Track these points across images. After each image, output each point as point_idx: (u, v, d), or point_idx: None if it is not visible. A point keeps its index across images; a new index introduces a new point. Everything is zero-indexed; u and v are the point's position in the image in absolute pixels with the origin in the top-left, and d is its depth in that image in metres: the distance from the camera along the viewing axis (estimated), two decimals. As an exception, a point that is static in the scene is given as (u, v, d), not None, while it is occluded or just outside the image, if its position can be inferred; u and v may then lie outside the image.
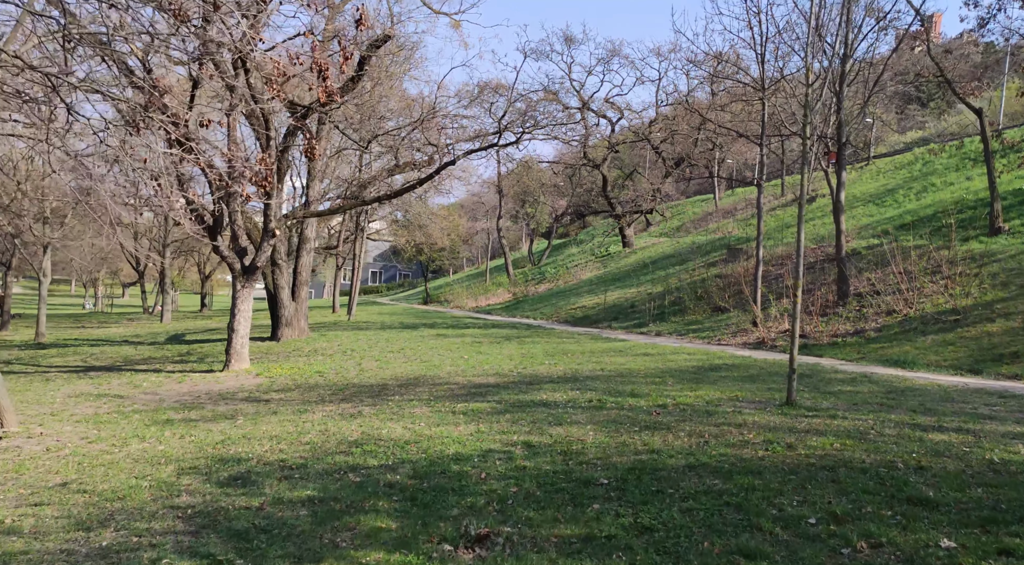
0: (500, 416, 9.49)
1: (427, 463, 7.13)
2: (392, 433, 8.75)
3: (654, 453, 7.05)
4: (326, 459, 7.56)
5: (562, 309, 34.07)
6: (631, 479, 6.21)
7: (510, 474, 6.59)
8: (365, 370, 16.00)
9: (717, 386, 11.68)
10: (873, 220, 29.68)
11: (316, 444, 8.35)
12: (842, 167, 20.72)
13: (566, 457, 7.11)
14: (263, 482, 6.73)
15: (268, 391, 13.81)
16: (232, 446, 8.54)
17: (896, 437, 7.44)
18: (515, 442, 7.85)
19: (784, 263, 26.12)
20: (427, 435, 8.50)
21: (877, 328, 18.15)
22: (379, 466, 7.15)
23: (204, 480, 6.92)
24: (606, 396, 10.82)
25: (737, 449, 7.11)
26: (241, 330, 17.22)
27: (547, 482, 6.29)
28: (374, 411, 10.56)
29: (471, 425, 8.98)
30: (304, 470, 7.15)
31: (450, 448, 7.73)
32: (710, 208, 53.36)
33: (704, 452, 7.01)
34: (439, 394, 12.01)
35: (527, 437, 8.07)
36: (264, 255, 17.17)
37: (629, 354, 16.87)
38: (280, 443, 8.53)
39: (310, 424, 9.70)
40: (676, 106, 46.40)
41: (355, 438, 8.58)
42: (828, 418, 8.51)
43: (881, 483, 5.85)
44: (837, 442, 7.20)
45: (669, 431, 8.05)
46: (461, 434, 8.45)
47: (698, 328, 23.06)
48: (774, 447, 7.08)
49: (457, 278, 74.36)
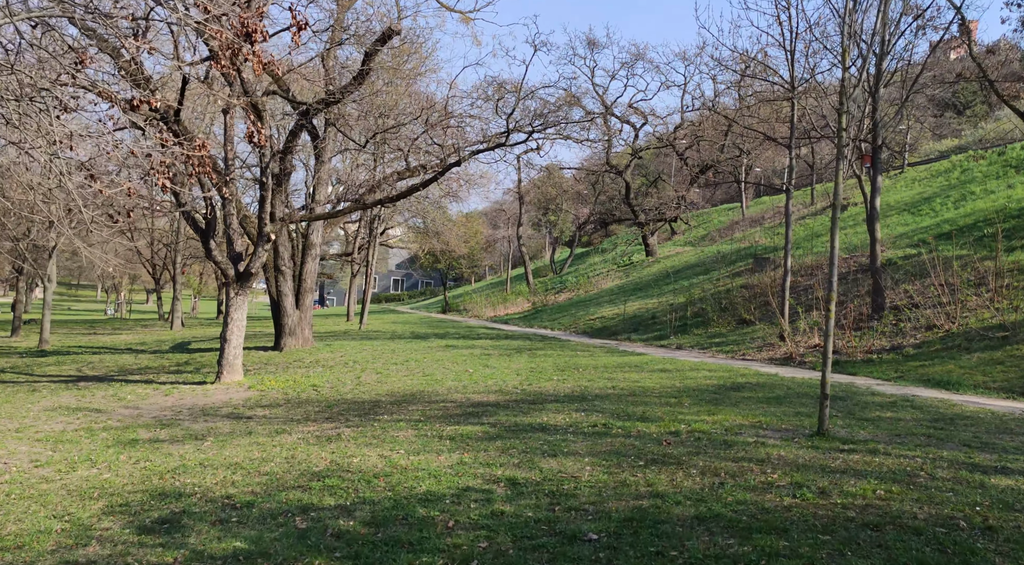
0: (490, 443, 8.38)
1: (390, 505, 6.04)
2: (364, 463, 7.68)
3: (658, 498, 5.89)
4: (279, 496, 6.51)
5: (581, 320, 32.89)
6: (627, 534, 5.07)
7: (483, 522, 5.48)
8: (362, 384, 14.98)
9: (739, 409, 10.48)
10: (908, 229, 28.22)
11: (275, 476, 7.30)
12: (877, 171, 19.40)
13: (554, 500, 5.99)
14: (192, 527, 5.67)
15: (254, 406, 12.82)
16: (182, 476, 7.51)
17: (952, 482, 6.23)
18: (499, 478, 6.74)
19: (814, 273, 24.76)
20: (402, 466, 7.42)
21: (916, 344, 16.80)
22: (335, 507, 6.08)
23: (127, 523, 5.88)
24: (613, 420, 9.67)
25: (758, 494, 5.94)
26: (234, 340, 16.27)
27: (525, 535, 5.17)
28: (355, 433, 9.51)
29: (455, 454, 7.89)
30: (247, 511, 6.09)
31: (422, 484, 6.64)
32: (737, 217, 51.91)
33: (718, 498, 5.85)
34: (432, 414, 10.93)
35: (514, 472, 6.95)
36: (259, 261, 16.23)
37: (645, 370, 15.68)
38: (236, 473, 7.49)
39: (279, 449, 8.66)
40: (702, 111, 45.13)
41: (321, 468, 7.52)
42: (867, 454, 7.29)
43: (941, 550, 4.66)
44: (881, 488, 6.00)
45: (679, 467, 6.90)
46: (440, 466, 7.35)
47: (721, 341, 21.79)
48: (803, 493, 5.90)
49: (479, 286, 73.41)
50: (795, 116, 20.26)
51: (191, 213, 15.97)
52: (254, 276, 16.41)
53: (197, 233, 16.19)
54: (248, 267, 16.25)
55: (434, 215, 42.43)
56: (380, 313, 55.76)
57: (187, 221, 16.17)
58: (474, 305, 50.77)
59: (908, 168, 42.82)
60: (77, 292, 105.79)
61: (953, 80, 23.56)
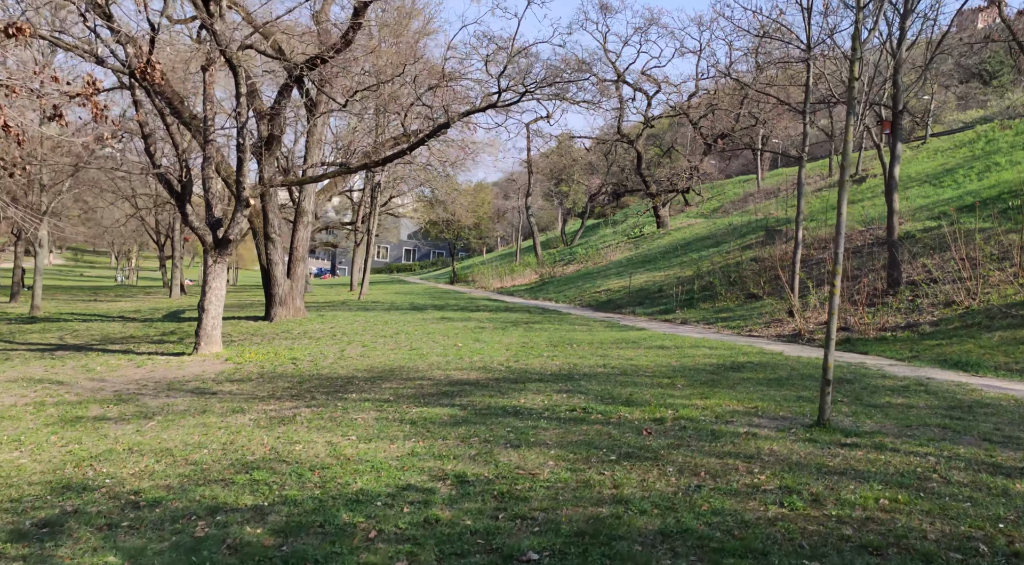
0: (452, 430, 7.54)
1: (313, 507, 5.21)
2: (306, 451, 6.86)
3: (622, 504, 5.02)
4: (194, 492, 5.70)
5: (586, 292, 31.98)
6: (573, 554, 4.21)
7: (411, 533, 4.64)
8: (344, 358, 14.19)
9: (735, 392, 9.58)
10: (929, 201, 27.00)
11: (202, 466, 6.50)
12: (897, 138, 18.24)
13: (501, 504, 5.14)
14: (73, 533, 4.87)
15: (224, 381, 12.07)
16: (102, 463, 6.74)
17: (970, 488, 5.31)
18: (447, 474, 5.89)
19: (827, 246, 23.68)
20: (345, 456, 6.59)
21: (933, 321, 15.79)
22: (250, 508, 5.26)
23: (4, 525, 5.09)
24: (595, 403, 8.80)
25: (741, 501, 5.06)
26: (212, 310, 15.51)
27: (455, 551, 4.33)
28: (313, 414, 8.70)
29: (409, 442, 7.05)
30: (148, 512, 5.29)
31: (359, 481, 5.81)
32: (752, 188, 50.56)
33: (692, 506, 4.97)
34: (403, 393, 10.11)
35: (466, 466, 6.10)
36: (237, 227, 15.40)
37: (642, 346, 14.78)
38: (162, 461, 6.69)
39: (223, 432, 7.87)
40: (717, 79, 43.67)
41: (256, 457, 6.71)
42: (872, 449, 6.38)
43: (955, 584, 3.78)
44: (885, 495, 5.10)
45: (655, 464, 6.02)
46: (388, 457, 6.52)
47: (728, 316, 20.83)
48: (793, 501, 5.01)
49: (490, 258, 72.48)
50: (811, 79, 19.07)
51: (165, 175, 15.12)
52: (233, 243, 15.59)
53: (172, 197, 15.36)
54: (227, 234, 15.44)
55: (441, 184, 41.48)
56: (386, 283, 55.07)
57: (161, 183, 15.34)
58: (481, 276, 49.92)
59: (931, 139, 41.35)
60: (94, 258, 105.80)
61: (980, 41, 22.21)
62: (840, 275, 7.17)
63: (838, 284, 7.14)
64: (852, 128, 6.89)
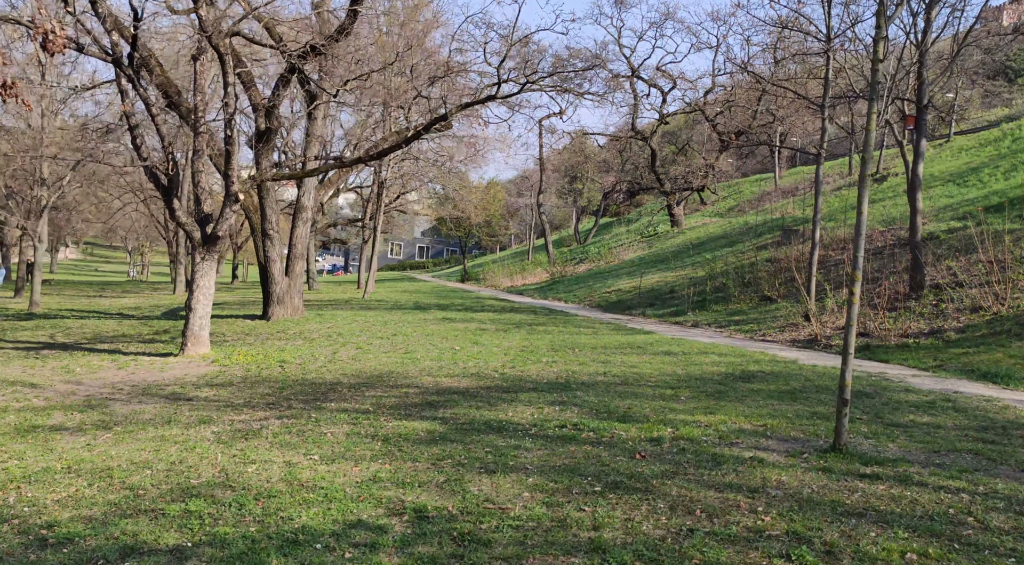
0: (426, 449, 6.81)
1: (241, 550, 4.49)
2: (259, 474, 6.15)
3: (598, 553, 4.26)
4: (115, 526, 4.99)
5: (596, 292, 31.17)
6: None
7: (345, 588, 3.91)
8: (334, 361, 13.50)
9: (743, 406, 8.79)
10: (953, 201, 26.01)
11: (138, 490, 5.80)
12: (922, 134, 17.33)
13: (459, 548, 4.40)
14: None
15: (203, 385, 11.40)
16: (30, 486, 6.05)
17: (1012, 537, 4.50)
18: (405, 507, 5.16)
19: (846, 247, 22.74)
20: (300, 481, 5.87)
21: (959, 328, 14.90)
22: (167, 551, 4.54)
23: None
24: (588, 419, 8.04)
25: (740, 551, 4.29)
26: (199, 309, 14.86)
27: (391, 616, 3.60)
28: (282, 427, 8.00)
29: (375, 464, 6.33)
30: (53, 553, 4.58)
31: (304, 514, 5.08)
32: (769, 187, 49.49)
33: (681, 558, 4.20)
34: (385, 402, 9.39)
35: (430, 497, 5.36)
36: (226, 223, 14.74)
37: (648, 352, 13.99)
38: (95, 485, 5.99)
39: (177, 448, 7.17)
40: (734, 75, 42.65)
41: (201, 481, 6.00)
42: (896, 483, 5.58)
43: None
44: (913, 549, 4.30)
45: (644, 498, 5.25)
46: (345, 482, 5.80)
47: (741, 319, 19.97)
48: (802, 554, 4.22)
49: (503, 255, 71.73)
50: (830, 72, 18.17)
51: (152, 168, 14.48)
52: (221, 239, 14.94)
53: (159, 191, 14.74)
54: (215, 230, 14.79)
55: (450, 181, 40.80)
56: (396, 281, 54.49)
57: (148, 177, 14.71)
58: (492, 275, 49.16)
59: (954, 137, 40.22)
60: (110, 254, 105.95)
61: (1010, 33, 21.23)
62: (860, 282, 6.37)
63: (857, 291, 6.33)
64: (875, 116, 6.09)
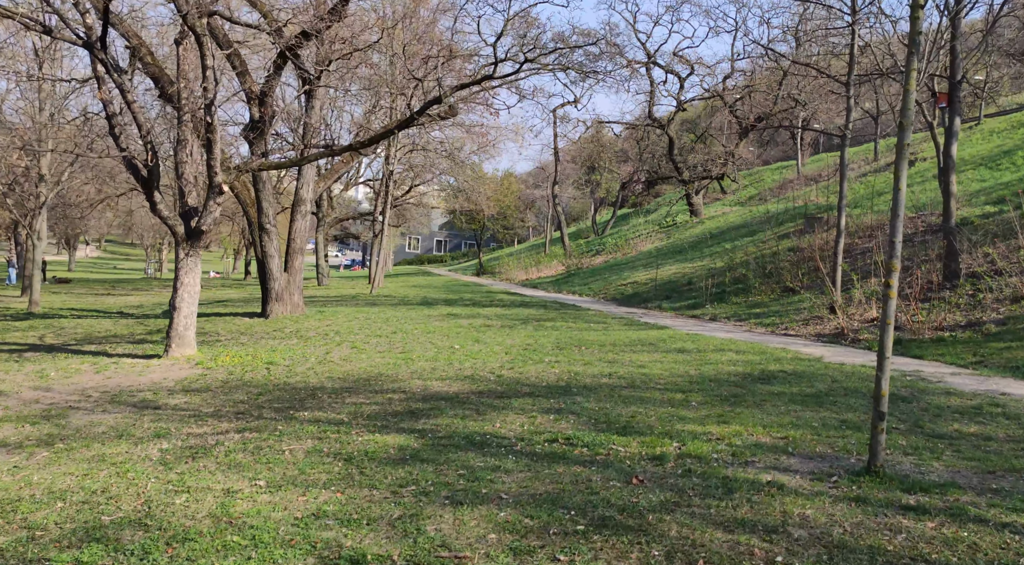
0: (390, 471, 5.88)
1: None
2: (188, 506, 5.24)
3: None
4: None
5: (612, 285, 30.13)
6: None
7: None
8: (325, 362, 12.63)
9: (762, 413, 7.78)
10: (986, 185, 24.69)
11: (36, 530, 4.90)
12: (955, 112, 16.14)
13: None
14: None
15: (179, 391, 10.55)
16: (-75, 519, 5.20)
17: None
18: (341, 555, 4.23)
19: (874, 234, 21.54)
20: (230, 517, 4.96)
21: (999, 320, 13.76)
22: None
23: None
24: (584, 430, 7.07)
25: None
26: (184, 309, 14.03)
27: None
28: (239, 443, 7.11)
29: (326, 493, 5.41)
30: None
31: None
32: (791, 175, 48.11)
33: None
34: (364, 410, 8.48)
35: (374, 541, 4.42)
36: (211, 216, 13.89)
37: (659, 350, 12.97)
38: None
39: (112, 471, 6.28)
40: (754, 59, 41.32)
41: (118, 516, 5.10)
42: (948, 519, 4.57)
43: None
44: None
45: (636, 539, 4.29)
46: (284, 518, 4.88)
47: (762, 312, 18.89)
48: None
49: (521, 248, 70.69)
50: (855, 48, 16.99)
51: (131, 160, 13.65)
52: (206, 234, 14.08)
53: (139, 183, 13.90)
54: (199, 224, 13.95)
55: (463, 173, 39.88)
56: (409, 276, 53.70)
57: (128, 169, 13.88)
58: (507, 268, 48.23)
59: (985, 120, 38.69)
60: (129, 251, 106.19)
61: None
62: (897, 272, 5.34)
63: (895, 284, 5.31)
64: (914, 73, 5.06)
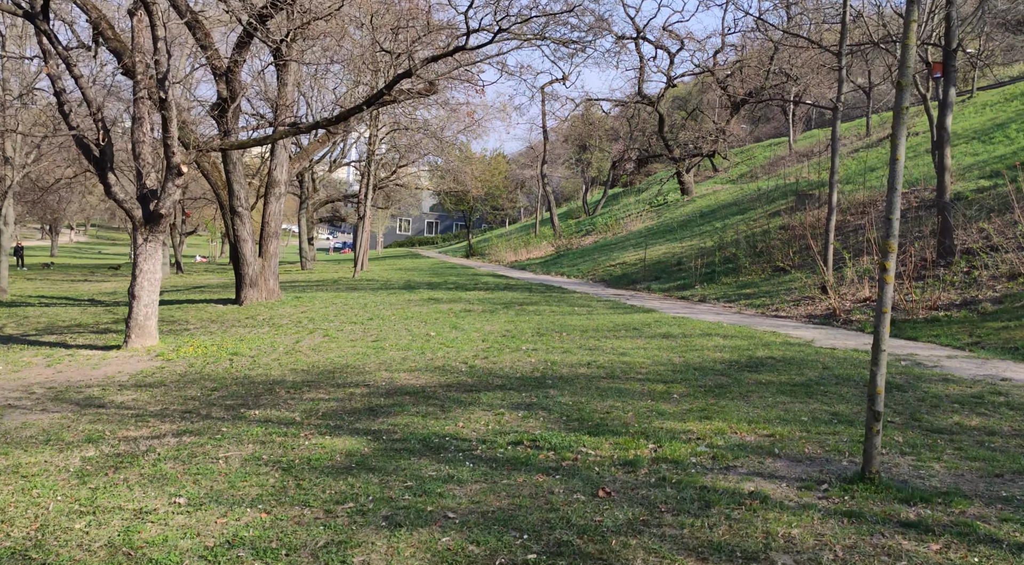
0: (331, 483, 5.25)
1: None
2: (84, 536, 4.58)
3: None
4: None
5: (601, 265, 29.51)
6: None
7: None
8: (292, 353, 11.98)
9: (748, 405, 7.18)
10: (979, 159, 24.06)
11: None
12: (950, 82, 15.48)
13: None
14: None
15: (130, 387, 9.87)
16: None
17: None
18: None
19: (866, 211, 20.94)
20: (132, 548, 4.32)
21: (996, 298, 13.19)
22: None
23: None
24: (552, 430, 6.46)
25: None
26: (144, 297, 13.34)
27: None
28: (172, 449, 6.46)
29: (250, 513, 4.77)
30: None
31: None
32: (783, 152, 47.38)
33: None
34: (321, 407, 7.84)
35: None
36: (169, 199, 13.16)
37: (643, 335, 12.36)
38: None
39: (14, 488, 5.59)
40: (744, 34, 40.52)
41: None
42: (955, 538, 3.96)
43: None
44: None
45: (594, 571, 3.68)
46: (190, 549, 4.24)
47: (752, 293, 18.29)
48: None
49: (512, 229, 69.89)
50: (847, 16, 16.25)
51: (83, 139, 12.91)
52: (165, 218, 13.37)
53: (91, 163, 13.17)
54: (158, 207, 13.22)
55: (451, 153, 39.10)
56: (397, 258, 52.99)
57: (79, 148, 13.15)
58: (496, 250, 47.54)
59: (977, 92, 38.01)
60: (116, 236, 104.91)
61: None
62: (895, 253, 4.70)
63: (892, 267, 4.67)
64: (913, 25, 4.40)
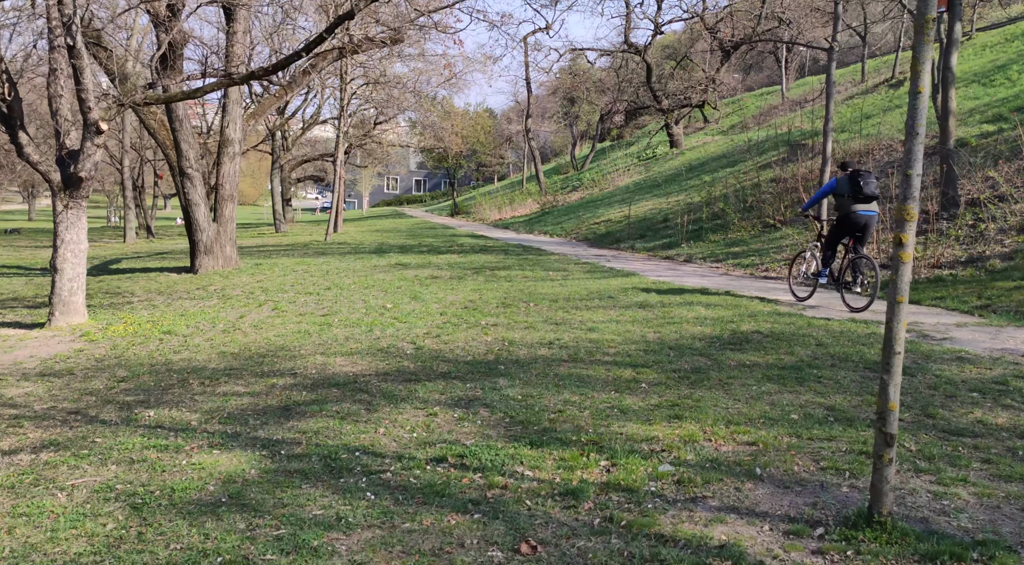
0: (185, 529, 4.08)
1: None
2: None
3: None
4: None
5: (585, 223, 28.23)
6: None
7: None
8: (231, 331, 10.76)
9: (728, 398, 6.01)
10: (980, 103, 22.68)
11: None
12: (955, 16, 14.09)
13: None
14: None
15: (33, 376, 8.62)
16: None
17: None
18: None
19: (862, 161, 19.62)
20: None
21: (1005, 254, 12.02)
22: None
23: None
24: (488, 441, 5.27)
25: None
26: (68, 270, 12.06)
27: None
28: (10, 477, 5.28)
29: None
30: None
31: None
32: (776, 101, 45.77)
33: None
34: (233, 406, 6.63)
35: None
36: (89, 160, 11.78)
37: (619, 304, 11.15)
38: None
39: None
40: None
41: None
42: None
43: None
44: None
45: None
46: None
47: (741, 251, 17.09)
48: None
49: (501, 186, 68.26)
50: (843, -54, 14.80)
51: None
52: (86, 182, 12.01)
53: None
54: (77, 170, 11.86)
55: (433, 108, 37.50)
56: (380, 218, 51.58)
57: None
58: (481, 208, 46.11)
59: (976, 34, 36.39)
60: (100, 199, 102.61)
61: None
62: (914, 222, 3.46)
63: (910, 242, 3.43)
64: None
